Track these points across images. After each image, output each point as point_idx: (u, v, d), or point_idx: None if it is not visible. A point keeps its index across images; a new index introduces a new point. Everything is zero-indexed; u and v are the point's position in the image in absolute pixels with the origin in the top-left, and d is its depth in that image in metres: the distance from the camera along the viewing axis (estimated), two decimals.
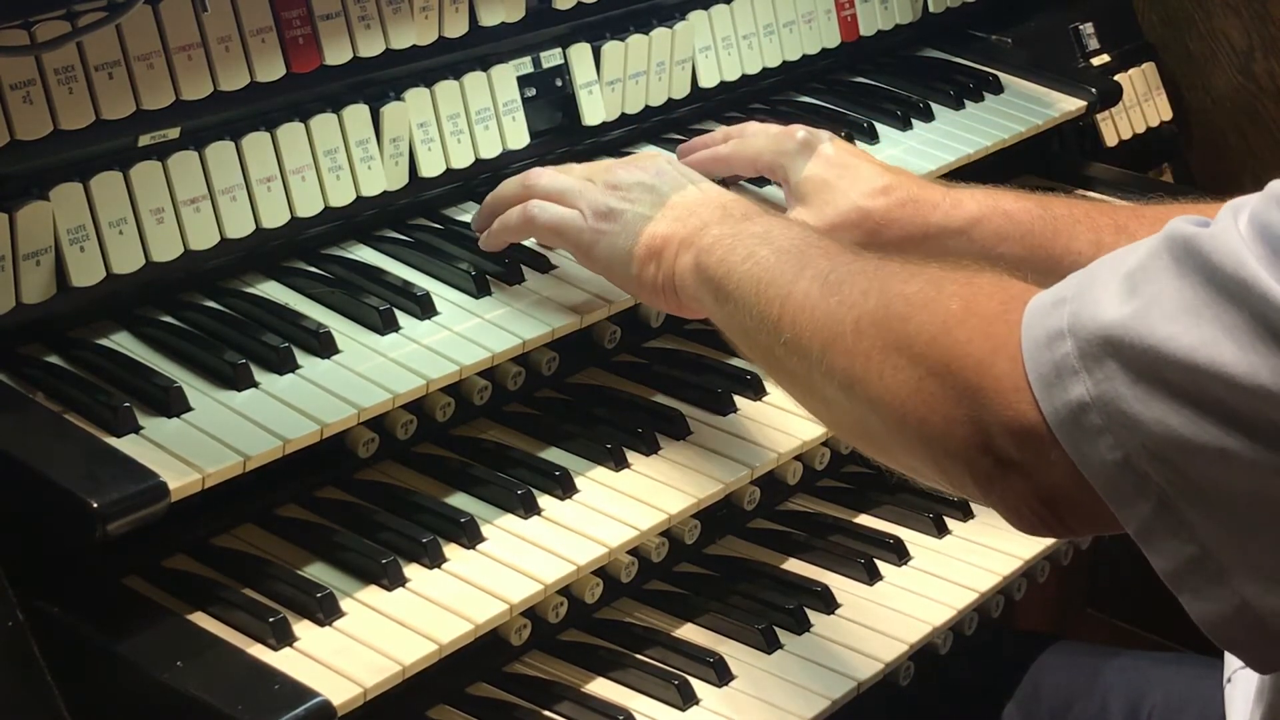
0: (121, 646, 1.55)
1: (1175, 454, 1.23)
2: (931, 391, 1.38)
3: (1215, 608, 1.26)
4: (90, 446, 1.60)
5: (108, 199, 1.75)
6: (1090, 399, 1.26)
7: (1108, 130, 2.82)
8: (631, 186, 1.88)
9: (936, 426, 1.38)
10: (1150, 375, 1.23)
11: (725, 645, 1.89)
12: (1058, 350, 1.28)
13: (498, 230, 1.96)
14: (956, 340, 1.37)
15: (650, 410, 2.00)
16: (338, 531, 1.75)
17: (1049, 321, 1.30)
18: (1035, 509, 1.35)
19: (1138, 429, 1.24)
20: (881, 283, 1.50)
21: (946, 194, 1.97)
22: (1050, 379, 1.29)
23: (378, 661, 1.60)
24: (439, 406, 1.84)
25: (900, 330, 1.43)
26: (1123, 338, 1.24)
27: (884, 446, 1.50)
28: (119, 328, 1.79)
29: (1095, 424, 1.26)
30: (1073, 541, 2.18)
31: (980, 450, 1.35)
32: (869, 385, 1.44)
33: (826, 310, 1.51)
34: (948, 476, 1.41)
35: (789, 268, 1.60)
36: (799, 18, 2.44)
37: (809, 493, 2.16)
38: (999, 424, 1.33)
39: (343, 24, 1.94)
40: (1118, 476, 1.26)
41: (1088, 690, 2.08)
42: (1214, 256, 1.22)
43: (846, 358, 1.47)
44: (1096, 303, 1.28)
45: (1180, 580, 1.27)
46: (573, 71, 2.18)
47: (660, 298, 1.84)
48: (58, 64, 1.70)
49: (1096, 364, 1.26)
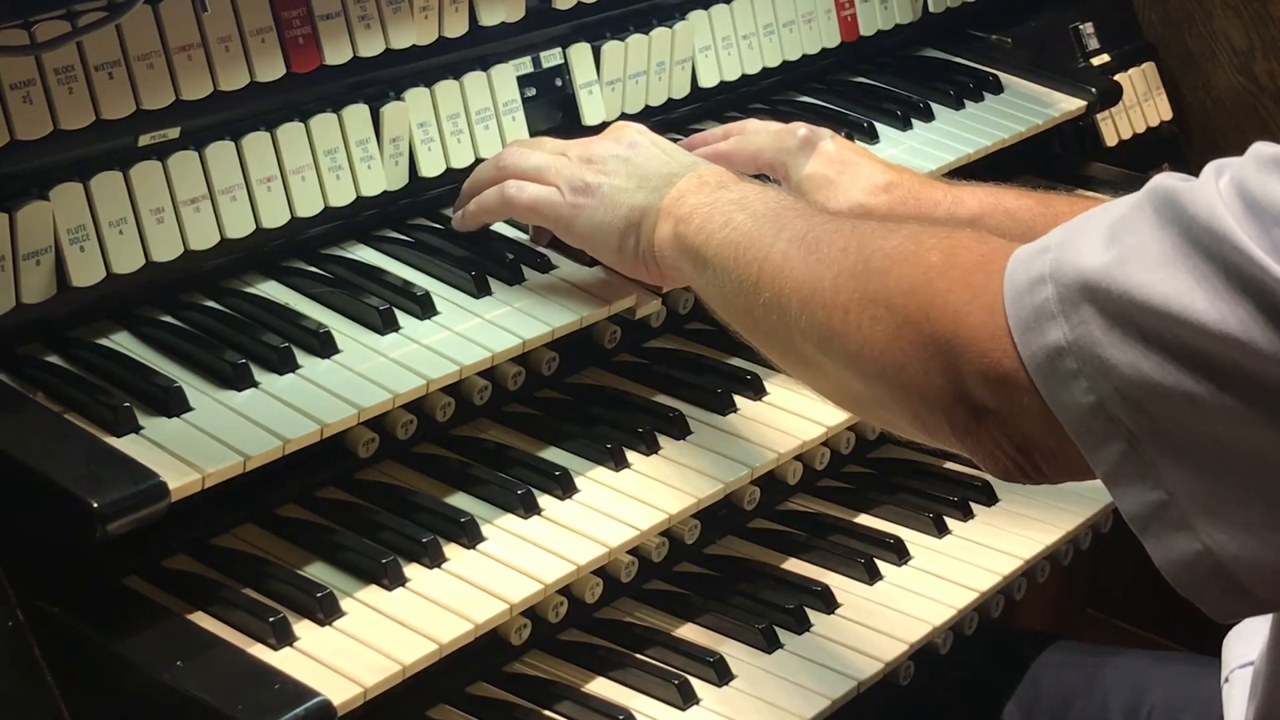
0: (121, 646, 1.56)
1: (1145, 398, 1.25)
2: (909, 340, 1.40)
3: (1178, 553, 1.28)
4: (90, 446, 1.60)
5: (108, 199, 1.75)
6: (1067, 343, 1.28)
7: (1108, 130, 2.82)
8: (606, 159, 1.89)
9: (914, 375, 1.40)
10: (1124, 321, 1.26)
11: (725, 645, 1.89)
12: (1038, 295, 1.31)
13: (474, 211, 1.97)
14: (936, 290, 1.40)
15: (650, 410, 2.00)
16: (338, 531, 1.75)
17: (1032, 268, 1.33)
18: (1011, 456, 1.38)
19: (1110, 373, 1.26)
20: (860, 239, 1.51)
21: (948, 191, 1.97)
22: (1029, 323, 1.31)
23: (378, 661, 1.60)
24: (439, 406, 1.84)
25: (879, 283, 1.45)
26: (1100, 283, 1.27)
27: (861, 401, 1.53)
28: (119, 328, 1.79)
29: (1070, 368, 1.28)
30: (1073, 542, 2.18)
31: (956, 398, 1.37)
32: (847, 338, 1.46)
33: (805, 268, 1.53)
34: (925, 426, 1.43)
35: (766, 230, 1.62)
36: (799, 18, 2.44)
37: (809, 493, 2.16)
38: (975, 372, 1.35)
39: (343, 24, 1.94)
40: (1090, 420, 1.28)
41: (1087, 690, 2.08)
42: (1191, 209, 1.25)
43: (825, 312, 1.49)
44: (1078, 250, 1.30)
45: (1145, 524, 1.29)
46: (573, 71, 2.18)
47: (641, 268, 1.86)
48: (58, 64, 1.70)
49: (1074, 309, 1.28)
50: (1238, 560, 1.25)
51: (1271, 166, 1.23)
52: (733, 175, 1.82)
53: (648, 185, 1.83)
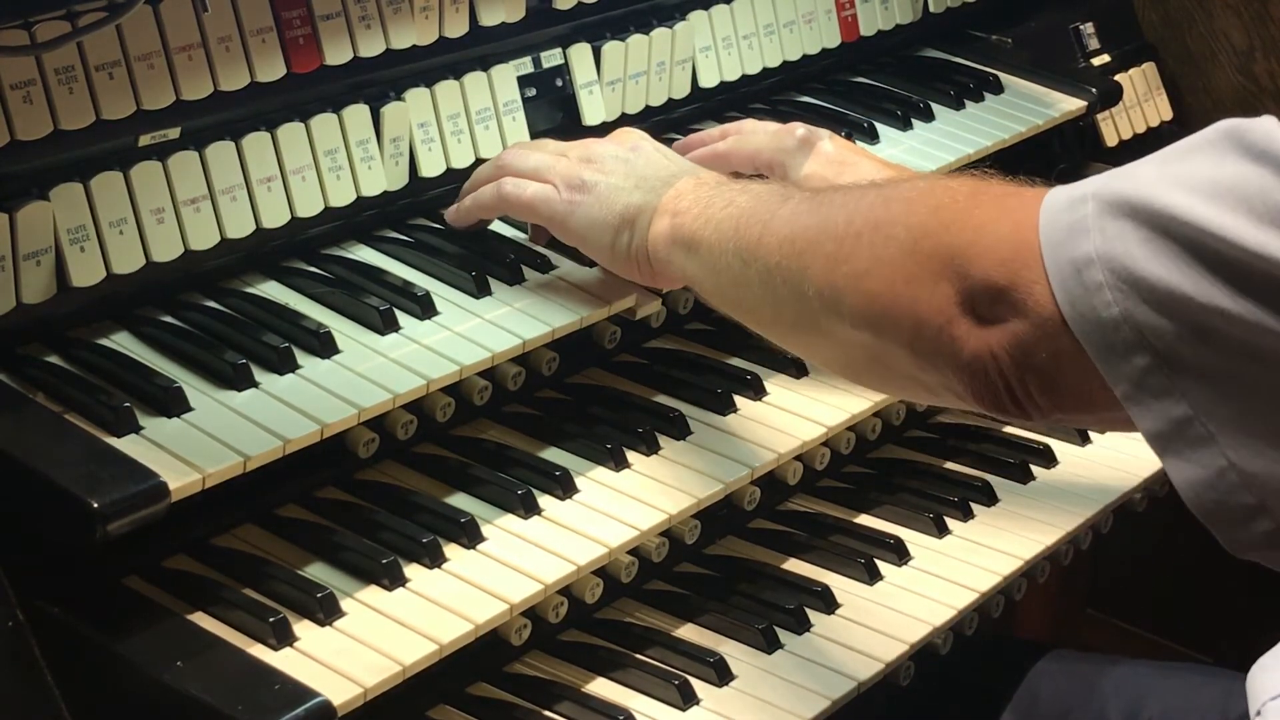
0: (121, 646, 1.56)
1: (1177, 311, 1.25)
2: (924, 250, 1.40)
3: (1199, 471, 1.27)
4: (90, 446, 1.60)
5: (108, 199, 1.75)
6: (1096, 254, 1.28)
7: (1108, 130, 2.82)
8: (606, 159, 1.90)
9: (923, 285, 1.39)
10: (1162, 234, 1.25)
11: (725, 645, 1.89)
12: (1077, 212, 1.31)
13: (470, 206, 1.98)
14: (962, 208, 1.41)
15: (650, 410, 2.00)
16: (338, 531, 1.75)
17: (1075, 189, 1.34)
18: (1006, 380, 1.36)
19: (1141, 286, 1.26)
20: (878, 190, 1.52)
21: None
22: (1061, 237, 1.31)
23: (378, 661, 1.60)
24: (439, 406, 1.84)
25: (901, 209, 1.45)
26: (1142, 199, 1.27)
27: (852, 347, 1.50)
28: (119, 328, 1.79)
29: (1096, 279, 1.28)
30: (1074, 542, 2.18)
31: (961, 307, 1.37)
32: (856, 259, 1.45)
33: (817, 215, 1.53)
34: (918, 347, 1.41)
35: (772, 200, 1.63)
36: (799, 18, 2.44)
37: (809, 493, 2.16)
38: (985, 278, 1.35)
39: (343, 24, 1.94)
40: (1111, 333, 1.28)
41: (1085, 700, 2.08)
42: (1249, 134, 1.26)
43: (835, 243, 1.48)
44: (1127, 174, 1.32)
45: (1166, 441, 1.28)
46: (573, 71, 2.18)
47: (633, 266, 1.86)
48: (58, 64, 1.70)
49: (1111, 222, 1.28)
50: (1261, 478, 1.25)
51: None
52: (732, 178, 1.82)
53: (645, 185, 1.84)
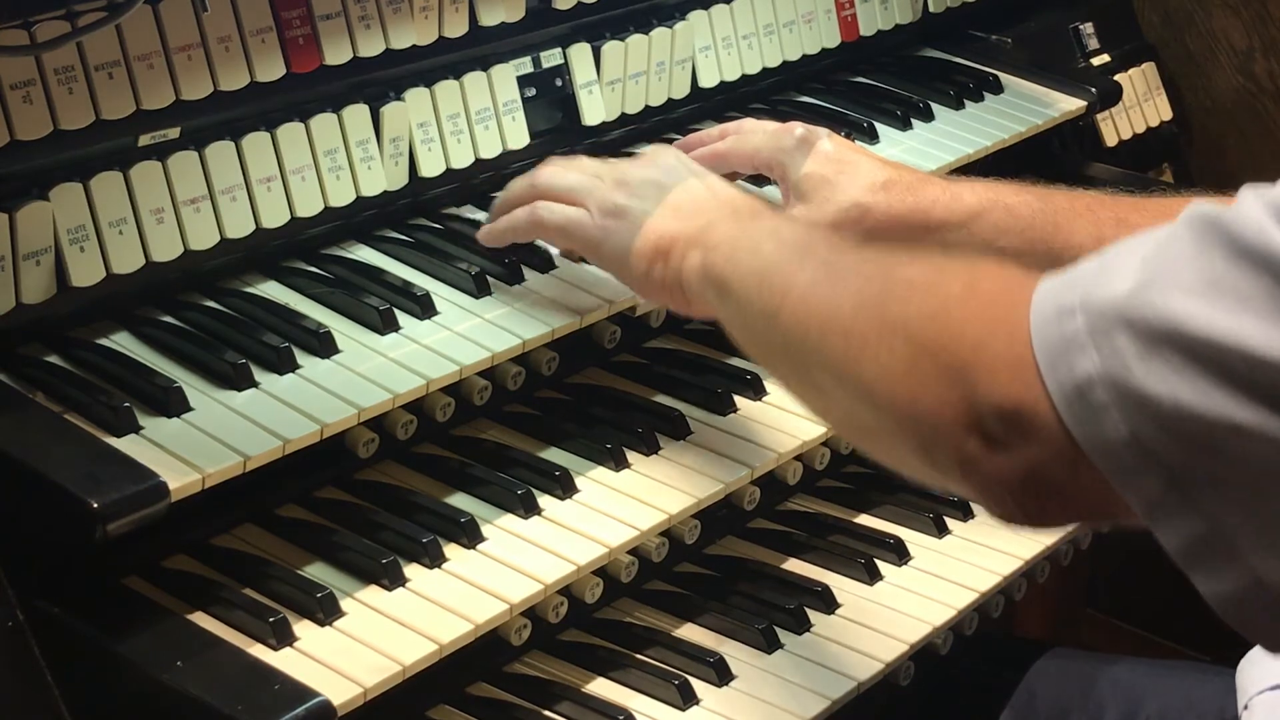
0: (121, 646, 1.55)
1: (1187, 429, 1.21)
2: (925, 369, 1.37)
3: (1228, 586, 1.24)
4: (90, 446, 1.60)
5: (108, 199, 1.75)
6: (1097, 375, 1.24)
7: (1108, 130, 2.82)
8: (640, 184, 1.86)
9: (927, 405, 1.36)
10: (1162, 349, 1.21)
11: (725, 645, 1.89)
12: (1067, 326, 1.27)
13: (503, 228, 1.95)
14: (955, 319, 1.37)
15: (650, 410, 2.00)
16: (338, 531, 1.75)
17: (1061, 298, 1.29)
18: (1016, 494, 1.34)
19: (1146, 405, 1.22)
20: (884, 268, 1.49)
21: (946, 188, 1.96)
22: (1057, 355, 1.27)
23: (378, 661, 1.60)
24: (439, 406, 1.84)
25: (899, 311, 1.42)
26: (1135, 310, 1.23)
27: (873, 435, 1.49)
28: (119, 328, 1.79)
29: (1101, 400, 1.24)
30: (1073, 542, 2.18)
31: (968, 429, 1.33)
32: (863, 366, 1.43)
33: (828, 295, 1.51)
34: (932, 460, 1.40)
35: (793, 259, 1.59)
36: (799, 18, 2.44)
37: (809, 493, 2.16)
38: (989, 403, 1.31)
39: (343, 24, 1.94)
40: (1123, 454, 1.24)
41: (1083, 700, 2.07)
42: (1235, 227, 1.21)
43: (843, 339, 1.46)
44: (1111, 280, 1.26)
45: (1191, 558, 1.25)
46: (573, 71, 2.18)
47: (667, 296, 1.83)
48: (58, 64, 1.70)
49: (1106, 339, 1.24)
50: None
51: None
52: (766, 207, 1.80)
53: (680, 213, 1.80)
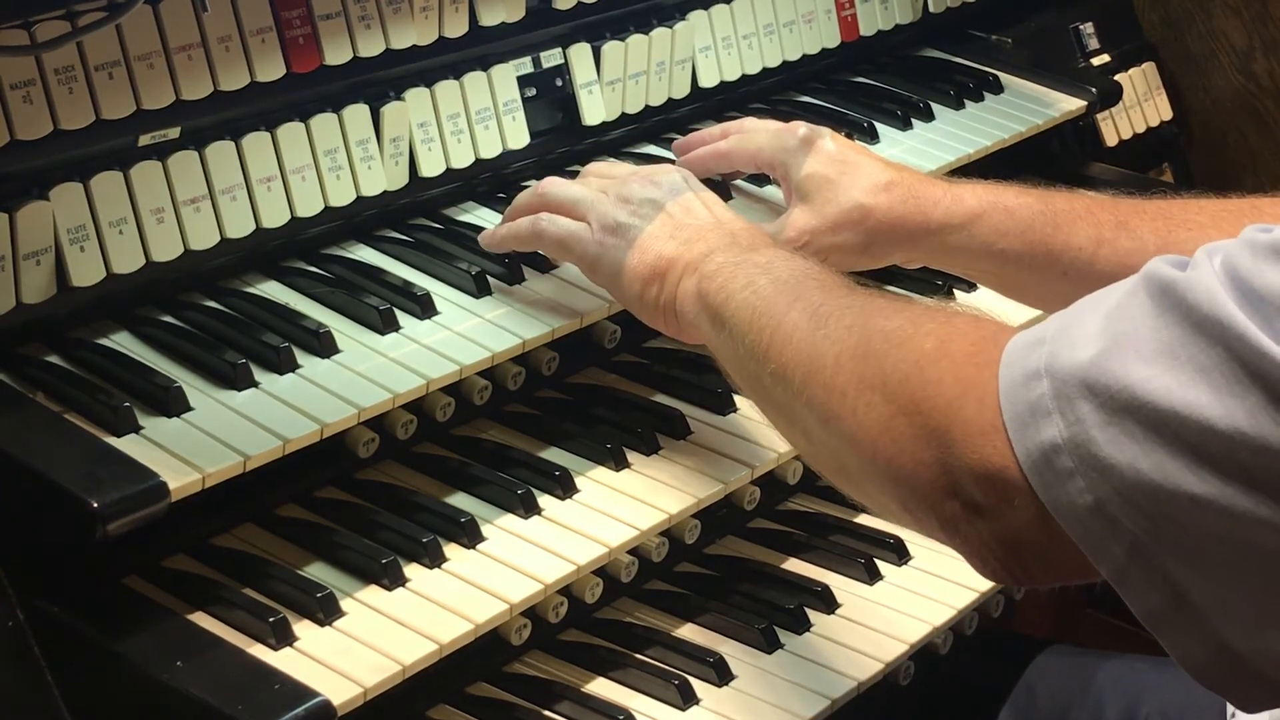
0: (121, 646, 1.55)
1: (1147, 499, 1.21)
2: (901, 431, 1.37)
3: (1196, 651, 1.24)
4: (90, 446, 1.60)
5: (108, 199, 1.75)
6: (1062, 441, 1.24)
7: (1108, 130, 2.82)
8: (643, 202, 1.86)
9: (905, 467, 1.36)
10: (1123, 417, 1.21)
11: (725, 645, 1.89)
12: (1034, 390, 1.27)
13: (505, 235, 1.95)
14: (927, 380, 1.36)
15: (650, 410, 2.00)
16: (338, 531, 1.75)
17: (1028, 361, 1.29)
18: (999, 555, 1.33)
19: (1109, 473, 1.22)
20: (865, 319, 1.49)
21: (948, 190, 1.96)
22: (1025, 419, 1.27)
23: (378, 661, 1.60)
24: (439, 406, 1.84)
25: (876, 367, 1.42)
26: (1097, 379, 1.23)
27: (857, 483, 1.49)
28: (119, 328, 1.79)
29: (1066, 466, 1.24)
30: None
31: (946, 494, 1.33)
32: (844, 421, 1.44)
33: (811, 343, 1.51)
34: (914, 517, 1.40)
35: (783, 298, 1.59)
36: (799, 18, 2.44)
37: (809, 492, 2.16)
38: (965, 468, 1.31)
39: (343, 24, 1.94)
40: (1089, 520, 1.24)
41: (1082, 696, 2.07)
42: (1189, 296, 1.21)
43: (824, 391, 1.47)
44: (1074, 343, 1.26)
45: (1158, 623, 1.26)
46: (573, 71, 2.18)
47: (660, 319, 1.83)
48: (58, 64, 1.70)
49: (1070, 405, 1.24)
50: (1260, 655, 1.22)
51: (1267, 254, 1.18)
52: (766, 238, 1.80)
53: (680, 236, 1.80)
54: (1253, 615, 1.22)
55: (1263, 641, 1.22)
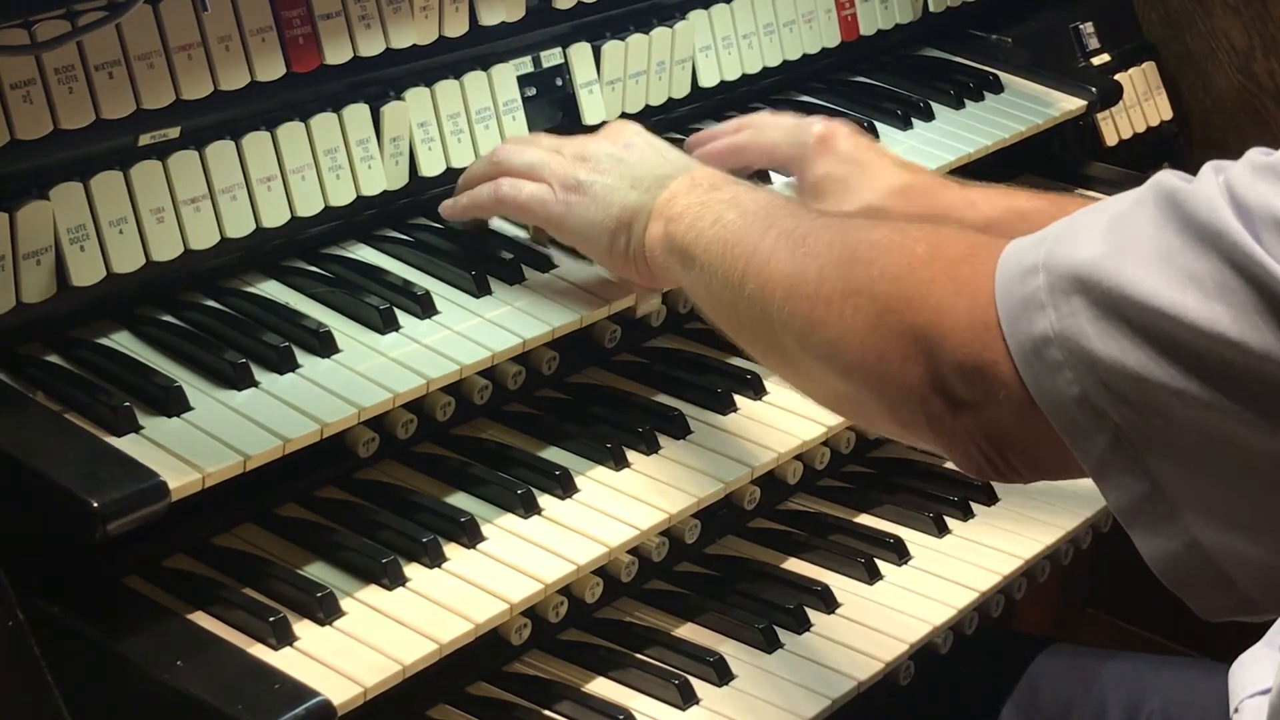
0: (121, 646, 1.55)
1: (1131, 391, 1.25)
2: (890, 328, 1.40)
3: (1166, 546, 1.28)
4: (90, 446, 1.60)
5: (108, 198, 1.75)
6: (1053, 333, 1.28)
7: (1108, 130, 2.82)
8: (600, 158, 1.88)
9: (892, 365, 1.40)
10: (1113, 314, 1.25)
11: (725, 645, 1.89)
12: (1029, 284, 1.31)
13: (466, 204, 1.97)
14: (919, 280, 1.40)
15: (650, 410, 2.00)
16: (338, 531, 1.75)
17: (1025, 258, 1.33)
18: (985, 451, 1.38)
19: (1096, 365, 1.26)
20: (846, 233, 1.52)
21: (962, 194, 1.96)
22: (1017, 312, 1.31)
23: (378, 661, 1.60)
24: (439, 406, 1.84)
25: (863, 272, 1.45)
26: (1091, 275, 1.27)
27: (838, 397, 1.53)
28: (119, 327, 1.79)
29: (1055, 358, 1.28)
30: (1074, 541, 2.18)
31: (934, 388, 1.37)
32: (828, 328, 1.46)
33: (791, 261, 1.54)
34: (899, 420, 1.43)
35: (755, 227, 1.62)
36: (799, 17, 2.44)
37: (809, 492, 2.16)
38: (954, 361, 1.35)
39: (343, 23, 1.94)
40: (1075, 412, 1.28)
41: (1085, 694, 2.08)
42: (1190, 203, 1.25)
43: (808, 303, 1.49)
44: (1074, 242, 1.30)
45: (1132, 517, 1.29)
46: (573, 71, 2.18)
47: (631, 268, 1.86)
48: (58, 64, 1.70)
49: (1064, 298, 1.28)
50: (1225, 554, 1.26)
51: (1265, 172, 1.23)
52: (726, 176, 1.81)
53: (640, 185, 1.83)
54: (1225, 512, 1.25)
55: (1231, 539, 1.25)
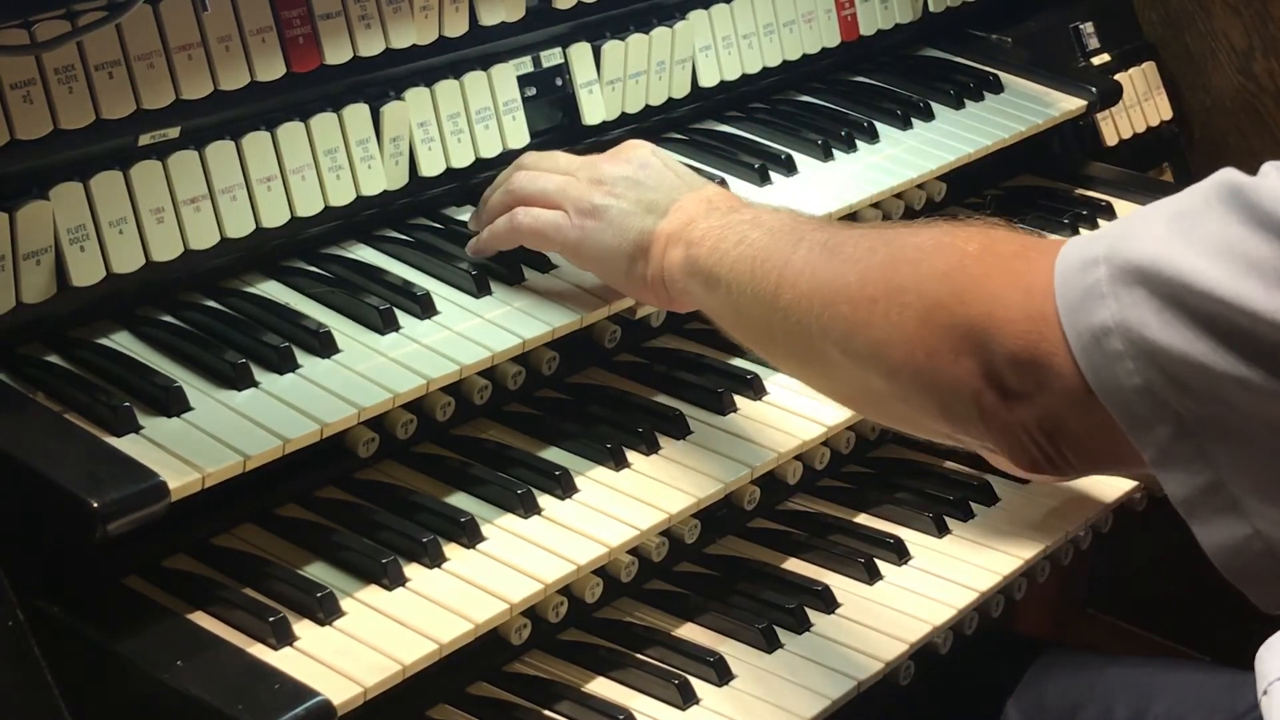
0: (121, 646, 1.55)
1: (1194, 381, 1.25)
2: (940, 323, 1.40)
3: (1227, 536, 1.28)
4: (90, 446, 1.60)
5: (108, 199, 1.75)
6: (1114, 323, 1.29)
7: (1108, 130, 2.82)
8: (616, 181, 1.87)
9: (943, 359, 1.40)
10: (1176, 304, 1.26)
11: (725, 645, 1.89)
12: (1090, 275, 1.31)
13: (487, 239, 1.96)
14: (971, 275, 1.40)
15: (650, 410, 2.00)
16: (338, 531, 1.75)
17: (1086, 251, 1.33)
18: (1039, 443, 1.37)
19: (1158, 355, 1.26)
20: (889, 238, 1.52)
21: None
22: (1077, 303, 1.31)
23: (378, 661, 1.60)
24: (439, 406, 1.84)
25: (910, 271, 1.45)
26: (1154, 266, 1.27)
27: (882, 400, 1.51)
28: (119, 328, 1.79)
29: (1116, 349, 1.28)
30: (1073, 541, 2.18)
31: (987, 381, 1.37)
32: (873, 328, 1.46)
33: (829, 269, 1.53)
34: (949, 414, 1.43)
35: (785, 242, 1.62)
36: (799, 17, 2.44)
37: (809, 492, 2.16)
38: (1008, 353, 1.35)
39: (343, 23, 1.94)
40: (1136, 402, 1.28)
41: (1090, 696, 2.07)
42: (1254, 195, 1.26)
43: (850, 306, 1.48)
44: (1135, 236, 1.31)
45: (1193, 508, 1.29)
46: (573, 71, 2.18)
47: (649, 293, 1.85)
48: (58, 64, 1.70)
49: (1125, 289, 1.29)
50: None
51: None
52: (742, 199, 1.82)
53: (657, 209, 1.82)
54: None
55: None
